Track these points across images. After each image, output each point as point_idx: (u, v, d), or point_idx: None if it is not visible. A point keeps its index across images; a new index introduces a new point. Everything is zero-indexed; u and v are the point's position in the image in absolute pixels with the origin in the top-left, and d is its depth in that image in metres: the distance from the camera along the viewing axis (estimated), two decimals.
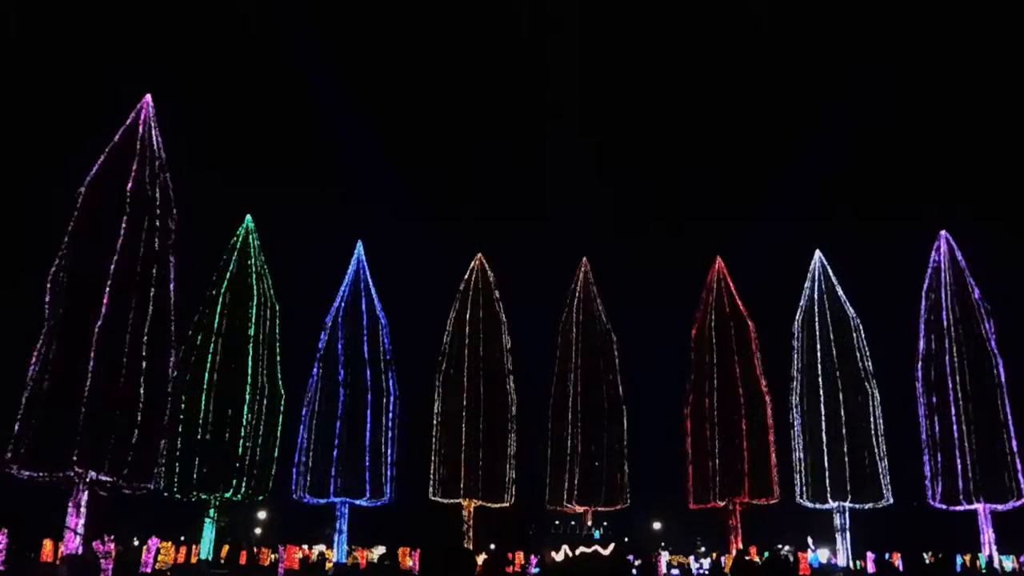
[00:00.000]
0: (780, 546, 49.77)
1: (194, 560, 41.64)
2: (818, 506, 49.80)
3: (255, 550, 47.20)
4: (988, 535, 46.31)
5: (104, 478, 34.07)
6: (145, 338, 36.20)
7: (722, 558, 45.89)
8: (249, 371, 45.80)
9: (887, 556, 41.72)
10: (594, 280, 56.55)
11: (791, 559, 34.69)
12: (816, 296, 53.37)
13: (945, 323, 49.40)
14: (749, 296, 55.92)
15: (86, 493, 34.64)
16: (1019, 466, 46.00)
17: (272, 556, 45.07)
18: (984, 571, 39.12)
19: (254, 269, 48.23)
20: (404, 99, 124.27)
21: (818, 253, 55.09)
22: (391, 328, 51.90)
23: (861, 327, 52.62)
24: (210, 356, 45.23)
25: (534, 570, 41.43)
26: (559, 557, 35.46)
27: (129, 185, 37.76)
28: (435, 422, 51.95)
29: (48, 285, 36.16)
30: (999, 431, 46.58)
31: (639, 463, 53.38)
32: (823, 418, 49.98)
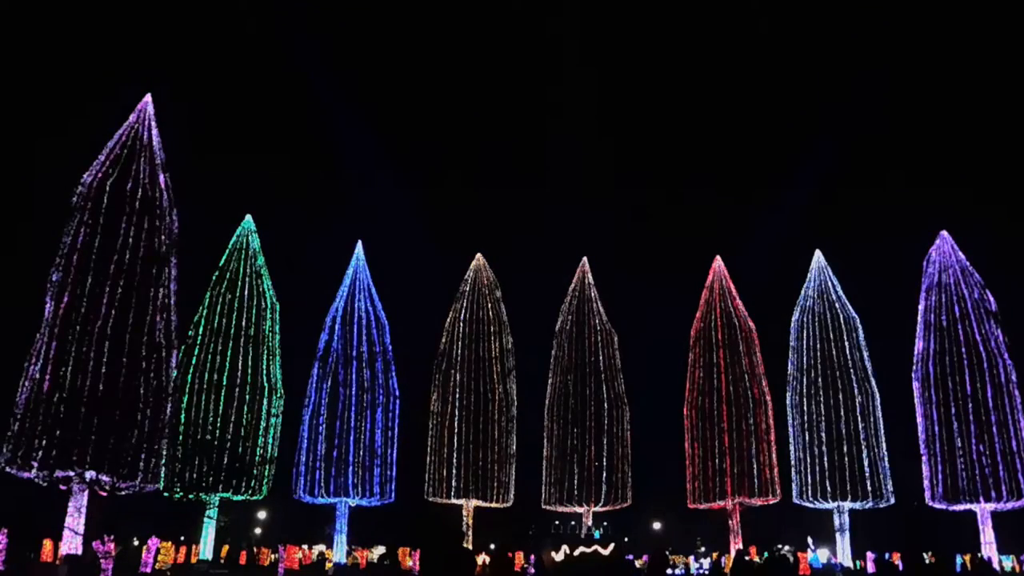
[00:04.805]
0: (780, 546, 49.78)
1: (194, 560, 41.64)
2: (818, 506, 49.81)
3: (255, 550, 47.23)
4: (988, 535, 46.29)
5: (104, 478, 34.00)
6: (145, 338, 36.13)
7: (722, 558, 45.89)
8: (249, 371, 45.81)
9: (887, 556, 41.69)
10: (594, 280, 56.60)
11: (791, 559, 34.62)
12: (816, 296, 53.37)
13: (945, 323, 49.38)
14: (749, 296, 56.04)
15: (86, 493, 34.60)
16: (1019, 466, 45.97)
17: (272, 556, 45.11)
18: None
19: (254, 269, 48.25)
20: (404, 100, 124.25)
21: (818, 253, 55.09)
22: (391, 328, 51.97)
23: (861, 327, 52.63)
24: (210, 356, 45.26)
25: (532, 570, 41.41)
26: (559, 557, 35.41)
27: (129, 185, 37.72)
28: (434, 422, 51.99)
29: (48, 285, 36.11)
30: (999, 431, 46.54)
31: (639, 463, 53.49)
32: (822, 418, 49.98)
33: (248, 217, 50.06)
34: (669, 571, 46.88)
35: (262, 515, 66.08)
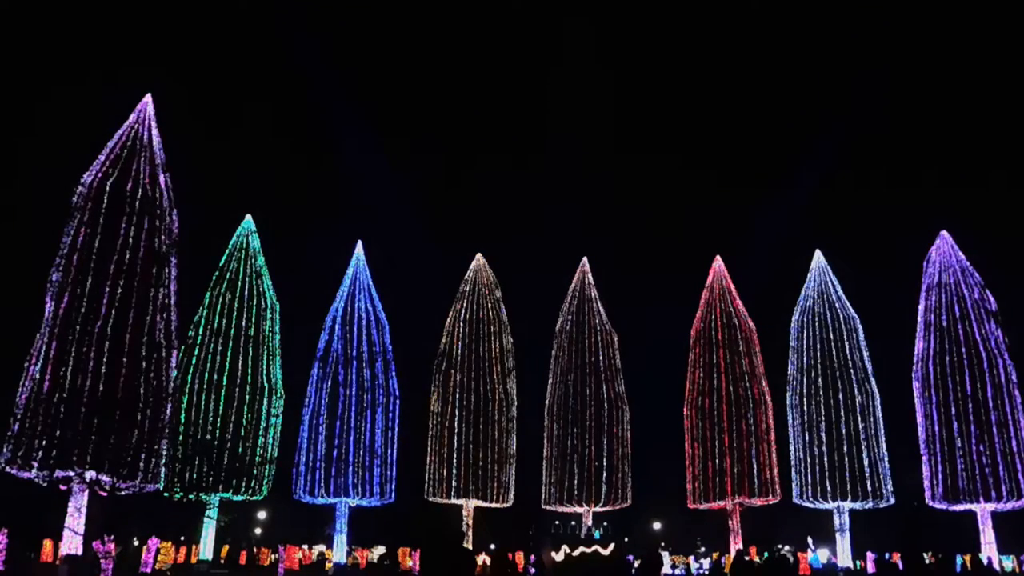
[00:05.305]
0: (780, 546, 49.77)
1: (194, 560, 41.65)
2: (818, 506, 49.80)
3: (255, 550, 47.22)
4: (988, 535, 46.28)
5: (104, 478, 34.00)
6: (145, 338, 36.15)
7: (722, 558, 45.90)
8: (249, 371, 45.81)
9: (887, 556, 41.69)
10: (594, 280, 56.60)
11: (791, 559, 34.64)
12: (816, 296, 53.36)
13: (945, 323, 49.39)
14: (749, 296, 56.04)
15: (86, 493, 34.59)
16: (1019, 466, 45.98)
17: (272, 556, 45.12)
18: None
19: (254, 269, 48.25)
20: (404, 99, 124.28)
21: (818, 253, 55.09)
22: (391, 328, 51.96)
23: (861, 327, 52.62)
24: (210, 356, 45.27)
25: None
26: (559, 557, 35.41)
27: (129, 185, 37.74)
28: (434, 422, 51.98)
29: (48, 285, 36.12)
30: (999, 431, 46.55)
31: (639, 463, 53.47)
32: (822, 418, 49.97)
33: (248, 217, 50.09)
34: (669, 571, 46.99)
35: (262, 515, 66.08)
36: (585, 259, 57.28)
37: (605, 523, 44.57)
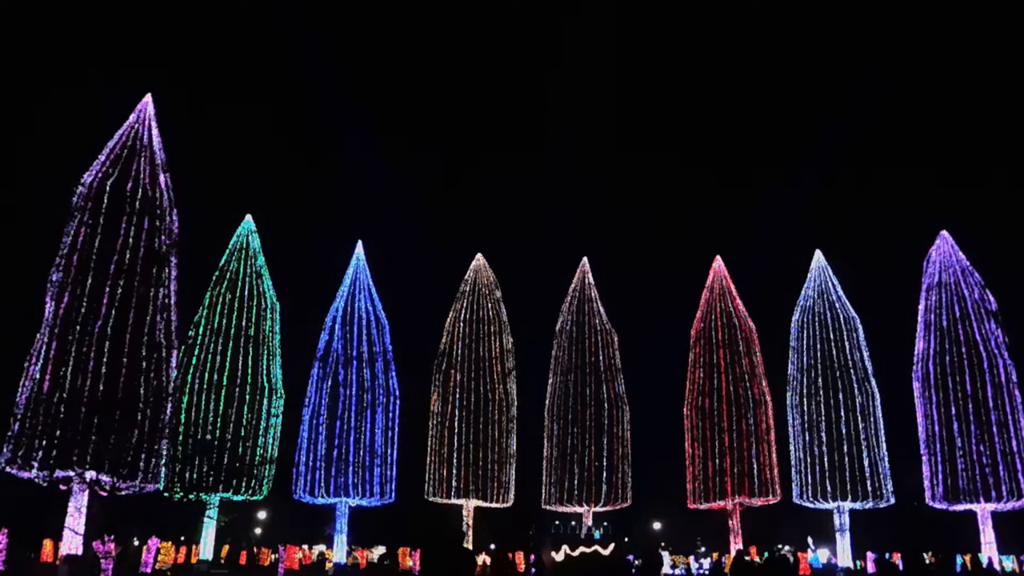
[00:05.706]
0: (780, 546, 49.77)
1: (194, 560, 41.64)
2: (818, 506, 49.79)
3: (255, 550, 47.22)
4: (988, 535, 46.27)
5: (104, 478, 33.98)
6: (145, 338, 36.15)
7: (722, 558, 45.90)
8: (249, 371, 45.81)
9: (887, 556, 41.68)
10: (594, 280, 56.60)
11: (791, 559, 34.66)
12: (816, 296, 53.35)
13: (945, 323, 49.38)
14: (749, 296, 56.03)
15: (86, 493, 34.58)
16: (1019, 466, 45.97)
17: (272, 556, 45.11)
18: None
19: (254, 269, 48.25)
20: (405, 99, 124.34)
21: (818, 253, 55.09)
22: (391, 328, 51.96)
23: (861, 327, 52.61)
24: (210, 356, 45.27)
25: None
26: (559, 557, 35.46)
27: (129, 185, 37.74)
28: (434, 422, 51.98)
29: (48, 285, 36.12)
30: (999, 431, 46.54)
31: (639, 463, 53.45)
32: (822, 418, 49.96)
33: (248, 217, 50.10)
34: (669, 571, 47.00)
35: (262, 515, 66.07)
36: (585, 259, 57.32)
37: (605, 523, 44.63)
